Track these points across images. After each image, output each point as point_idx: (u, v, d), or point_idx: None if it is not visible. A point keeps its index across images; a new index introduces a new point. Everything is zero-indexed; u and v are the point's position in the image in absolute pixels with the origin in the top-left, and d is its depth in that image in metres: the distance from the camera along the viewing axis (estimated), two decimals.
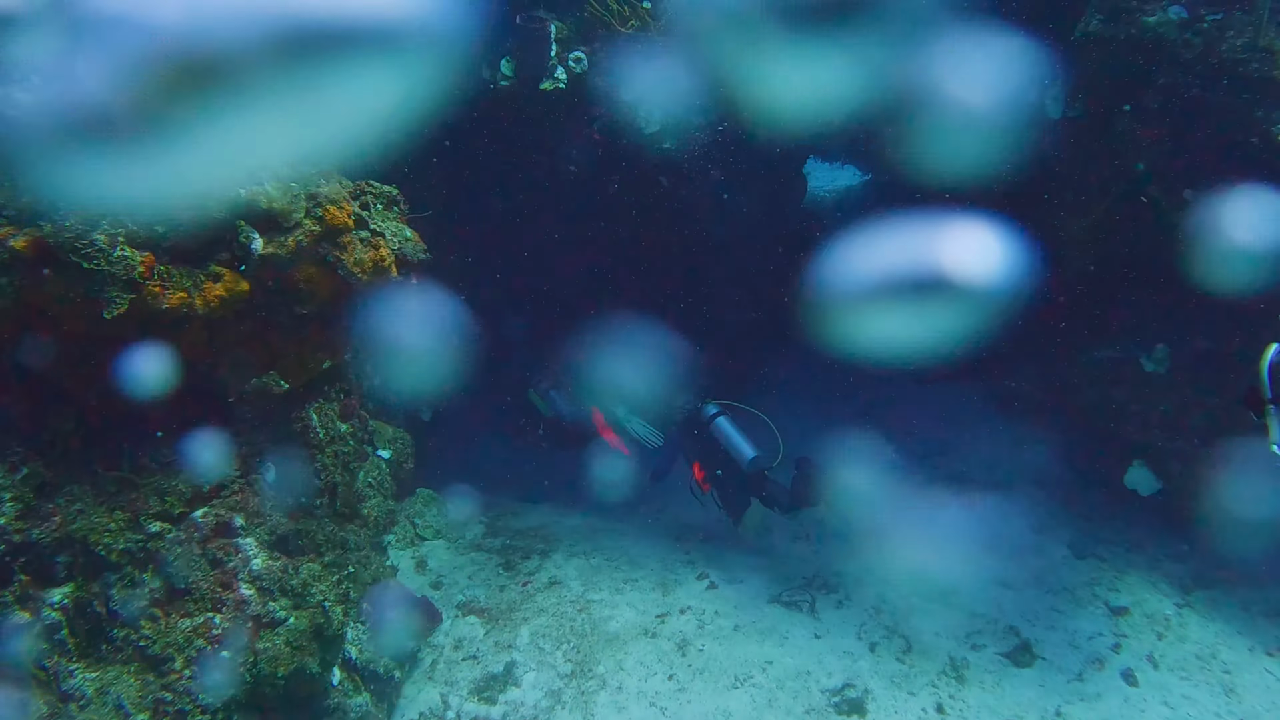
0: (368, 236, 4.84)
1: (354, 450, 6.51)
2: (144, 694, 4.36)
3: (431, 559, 7.91)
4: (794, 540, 8.31)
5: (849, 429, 10.63)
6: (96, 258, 3.82)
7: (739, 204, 9.46)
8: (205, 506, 4.74)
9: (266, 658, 4.73)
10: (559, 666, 6.59)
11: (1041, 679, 6.33)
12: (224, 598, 4.70)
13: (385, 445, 7.74)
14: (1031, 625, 6.85)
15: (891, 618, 6.98)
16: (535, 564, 7.96)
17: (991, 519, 8.36)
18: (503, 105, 8.30)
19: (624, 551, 8.23)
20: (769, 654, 6.62)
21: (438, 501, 8.46)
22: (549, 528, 8.76)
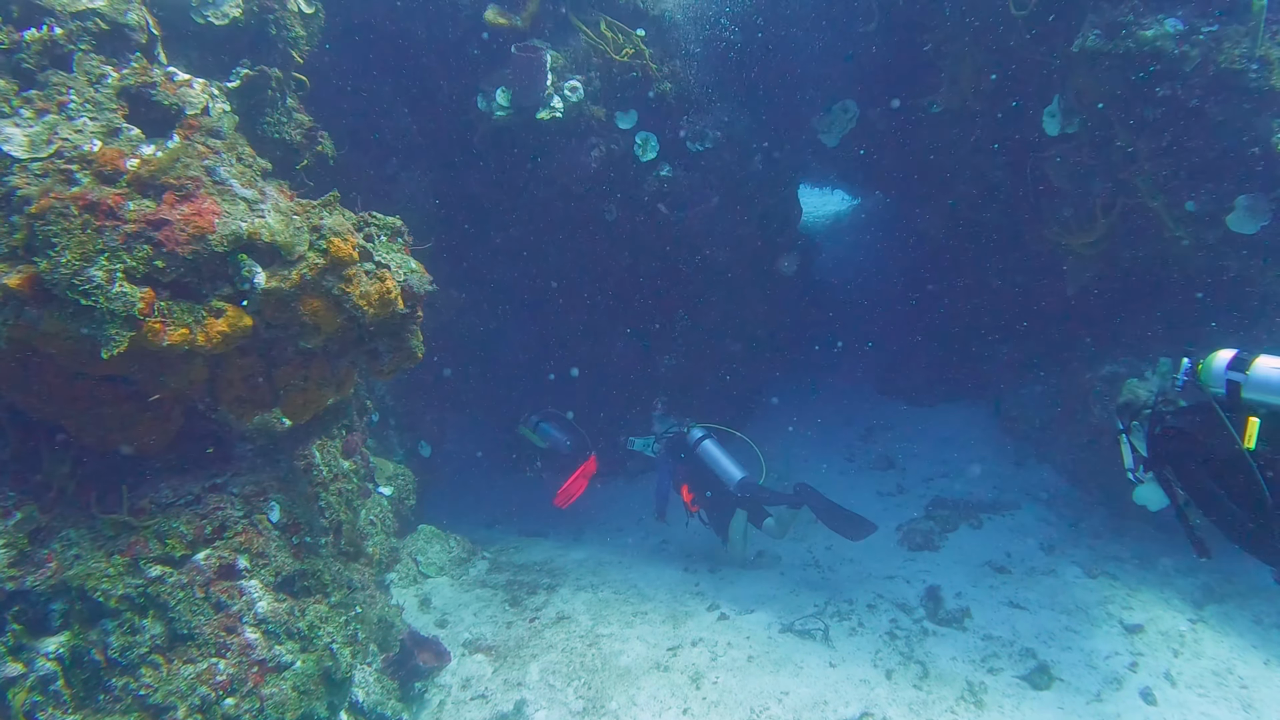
0: (373, 269, 4.76)
1: (357, 488, 6.40)
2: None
3: (435, 597, 7.76)
4: (805, 567, 8.18)
5: (851, 453, 10.57)
6: (95, 294, 3.72)
7: (738, 229, 9.43)
8: (208, 549, 4.61)
9: (273, 704, 4.58)
10: (570, 703, 6.43)
11: (1060, 701, 6.19)
12: (228, 642, 4.55)
13: (387, 482, 7.62)
14: (1047, 646, 6.72)
15: (906, 644, 6.85)
16: (542, 599, 7.81)
17: (1000, 540, 8.26)
18: (499, 136, 8.29)
19: (632, 584, 8.09)
20: (784, 684, 6.47)
21: (441, 537, 8.32)
22: (554, 561, 8.62)
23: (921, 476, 9.71)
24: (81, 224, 3.74)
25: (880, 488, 9.66)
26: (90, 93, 3.94)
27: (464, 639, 7.18)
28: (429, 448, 9.09)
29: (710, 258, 9.40)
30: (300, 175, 6.32)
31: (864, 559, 8.23)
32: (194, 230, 4.06)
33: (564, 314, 10.19)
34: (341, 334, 4.77)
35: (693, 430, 8.59)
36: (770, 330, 10.89)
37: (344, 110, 7.99)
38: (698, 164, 8.81)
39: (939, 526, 8.51)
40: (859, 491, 9.53)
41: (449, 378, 10.06)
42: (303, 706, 4.70)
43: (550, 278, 9.84)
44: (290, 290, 4.43)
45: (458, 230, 9.20)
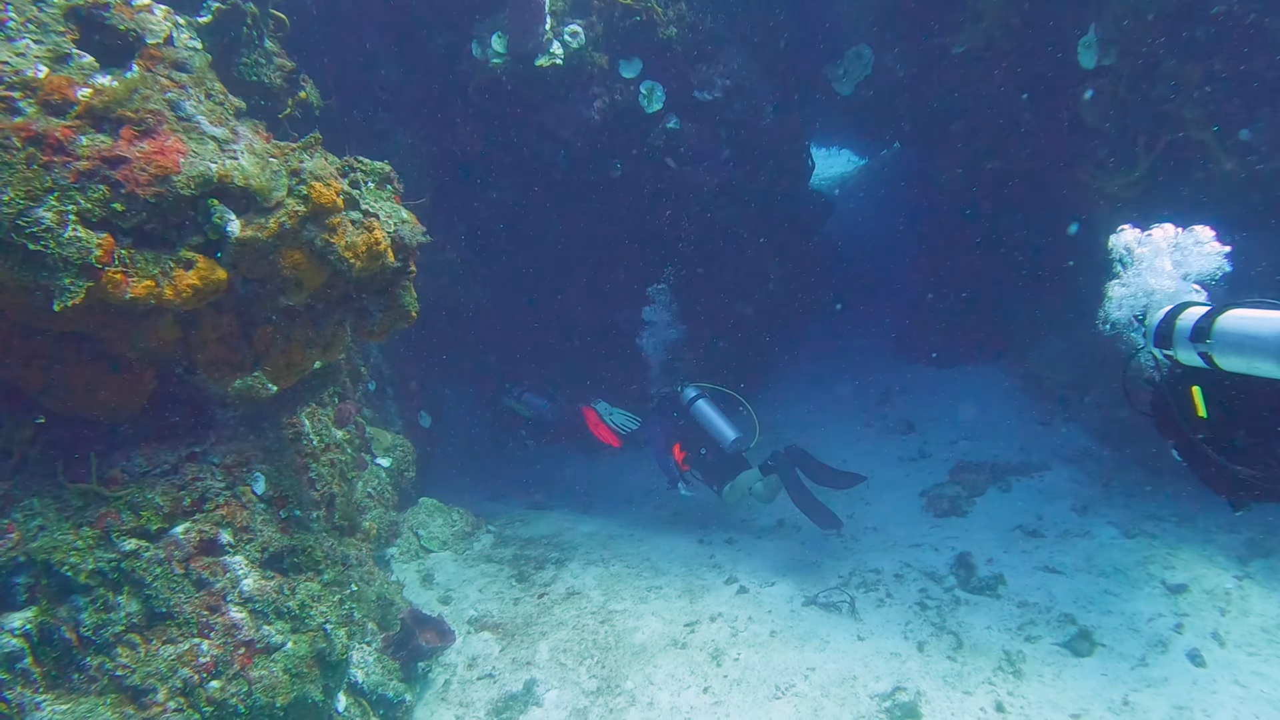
0: (360, 218, 4.34)
1: (351, 459, 6.03)
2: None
3: (438, 572, 7.41)
4: (825, 537, 7.80)
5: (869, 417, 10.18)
6: (44, 238, 3.32)
7: (749, 183, 8.97)
8: (186, 522, 4.23)
9: (263, 687, 4.23)
10: (584, 683, 6.09)
11: (1104, 667, 5.86)
12: (212, 622, 4.18)
13: (384, 453, 7.25)
14: (1087, 611, 6.37)
15: (938, 614, 6.49)
16: (550, 574, 7.46)
17: (1031, 502, 7.87)
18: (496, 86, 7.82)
19: (644, 557, 7.73)
20: (810, 660, 6.12)
21: (443, 511, 7.95)
22: (562, 535, 8.26)
23: (944, 440, 9.31)
24: (26, 158, 3.33)
25: (901, 453, 9.27)
26: (33, 10, 3.52)
27: (469, 616, 6.84)
28: (429, 418, 8.72)
29: (720, 215, 8.95)
30: (284, 126, 5.91)
31: (888, 526, 7.87)
32: (156, 170, 3.65)
33: (566, 278, 9.78)
34: (326, 290, 4.37)
35: (686, 389, 8.49)
36: (783, 292, 10.44)
37: (330, 61, 7.54)
38: (706, 115, 8.35)
39: (965, 491, 8.13)
40: (878, 457, 9.15)
41: (448, 345, 9.67)
42: (295, 690, 4.35)
43: (551, 240, 9.42)
44: (268, 240, 4.01)
45: (453, 190, 8.76)
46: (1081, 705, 5.54)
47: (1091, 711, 5.48)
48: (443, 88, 8.36)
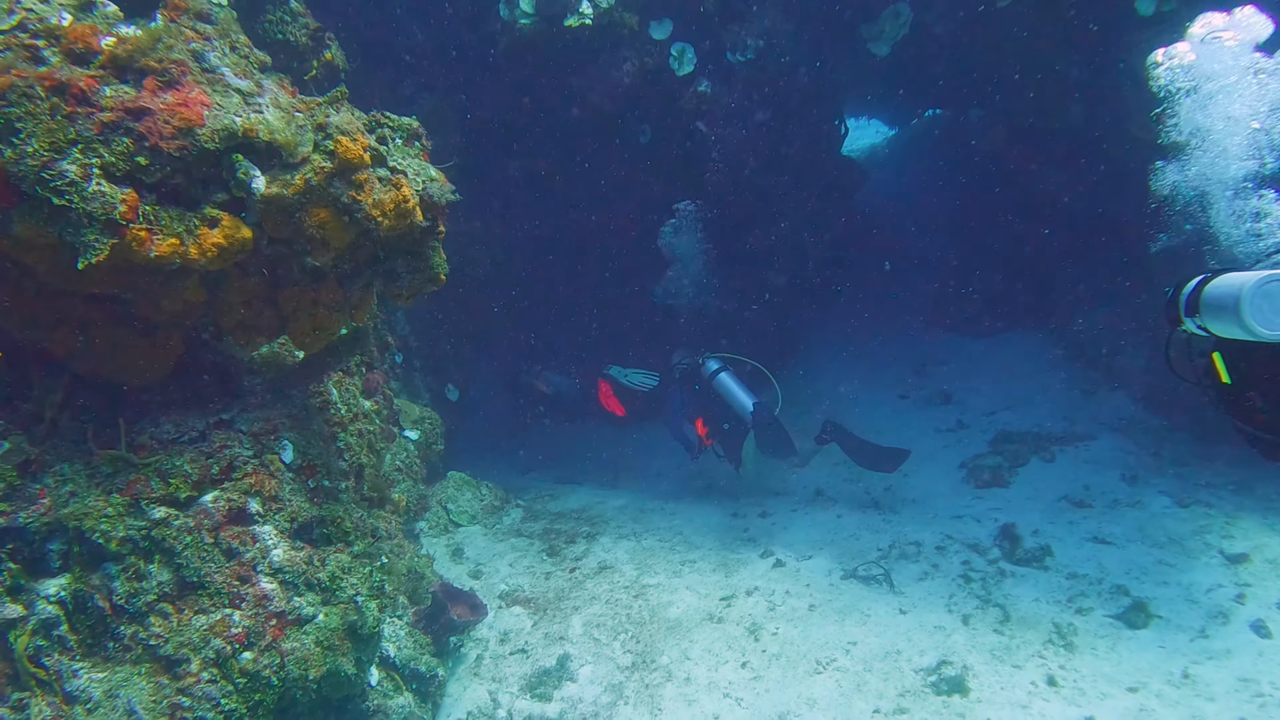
0: (387, 175, 4.18)
1: (380, 430, 5.92)
2: (158, 698, 3.78)
3: (468, 546, 7.30)
4: (863, 509, 7.63)
5: (904, 389, 9.95)
6: (69, 192, 3.19)
7: (782, 148, 8.72)
8: (215, 490, 4.12)
9: (295, 659, 4.12)
10: (618, 658, 5.97)
11: (1161, 639, 5.65)
12: (242, 592, 4.08)
13: (412, 426, 7.12)
14: (1140, 582, 6.16)
15: (983, 586, 6.31)
16: (582, 548, 7.34)
17: (1076, 472, 7.64)
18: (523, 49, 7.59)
19: (677, 531, 7.59)
20: (851, 634, 5.97)
21: (472, 485, 7.84)
22: (592, 509, 8.13)
23: (982, 411, 9.07)
24: (50, 108, 3.20)
25: (938, 424, 9.04)
26: None
27: (500, 590, 6.74)
28: (456, 392, 8.59)
29: (752, 181, 8.70)
30: (310, 89, 5.75)
31: (928, 498, 7.68)
32: (180, 123, 3.51)
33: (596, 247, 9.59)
34: (354, 251, 4.22)
35: (708, 362, 8.32)
36: (817, 261, 10.20)
37: (355, 23, 7.36)
38: (738, 77, 8.11)
39: (1007, 461, 7.91)
40: (915, 428, 8.93)
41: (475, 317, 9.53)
42: (328, 663, 4.24)
43: (580, 208, 9.23)
44: (294, 198, 3.87)
45: (480, 158, 8.58)
46: (1138, 678, 5.34)
47: (1150, 684, 5.28)
48: (469, 51, 8.15)
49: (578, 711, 5.57)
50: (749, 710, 5.43)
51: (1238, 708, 5.03)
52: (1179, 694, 5.19)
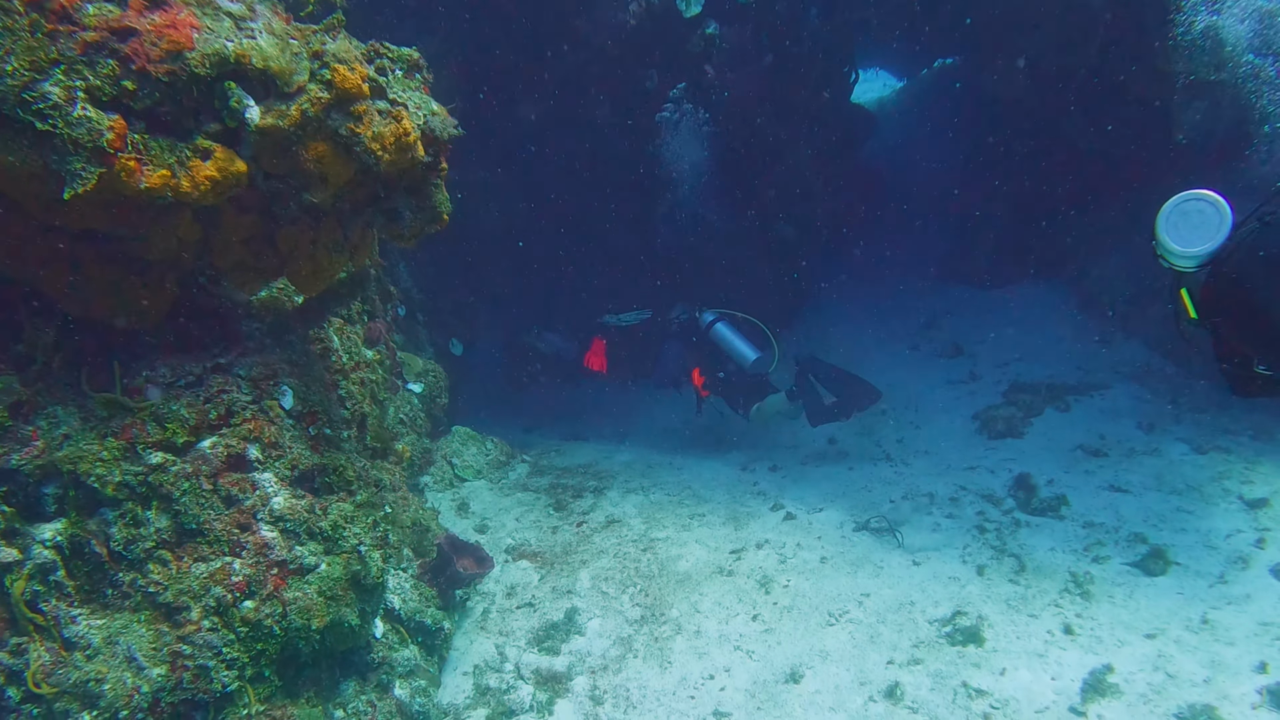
0: (387, 107, 4.00)
1: (382, 380, 5.78)
2: (158, 645, 3.68)
3: (474, 501, 7.20)
4: (875, 462, 7.52)
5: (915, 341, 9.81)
6: (52, 116, 3.02)
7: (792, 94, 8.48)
8: (213, 436, 3.99)
9: (297, 609, 4.03)
10: (627, 611, 5.89)
11: (1179, 586, 5.57)
12: (243, 540, 3.97)
13: (416, 379, 6.99)
14: (1158, 530, 6.07)
15: (997, 536, 6.21)
16: (589, 502, 7.24)
17: (1092, 422, 7.52)
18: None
19: (685, 485, 7.48)
20: (864, 586, 5.88)
21: (477, 440, 7.72)
22: (599, 464, 8.03)
23: (995, 362, 8.95)
24: (30, 25, 3.02)
25: (950, 376, 8.93)
26: None
27: (506, 545, 6.64)
28: (460, 346, 8.45)
29: (762, 129, 8.49)
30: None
31: (940, 450, 7.57)
32: (168, 45, 3.33)
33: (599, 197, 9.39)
34: (353, 188, 4.06)
35: (704, 314, 8.33)
36: (826, 212, 10.00)
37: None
38: (747, 17, 7.87)
39: (1021, 412, 7.80)
40: (927, 381, 8.84)
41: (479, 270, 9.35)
42: (330, 613, 4.15)
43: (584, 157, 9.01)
44: (290, 130, 3.70)
45: (482, 105, 8.35)
46: (1156, 625, 5.26)
47: (1168, 631, 5.20)
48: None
49: (586, 665, 5.49)
50: (760, 662, 5.36)
51: (1258, 652, 4.96)
52: (1198, 639, 5.11)
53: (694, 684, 5.26)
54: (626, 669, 5.42)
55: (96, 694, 3.53)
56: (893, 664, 5.22)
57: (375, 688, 4.88)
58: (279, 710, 4.12)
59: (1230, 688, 4.76)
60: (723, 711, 5.05)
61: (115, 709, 3.53)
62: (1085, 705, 4.79)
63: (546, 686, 5.36)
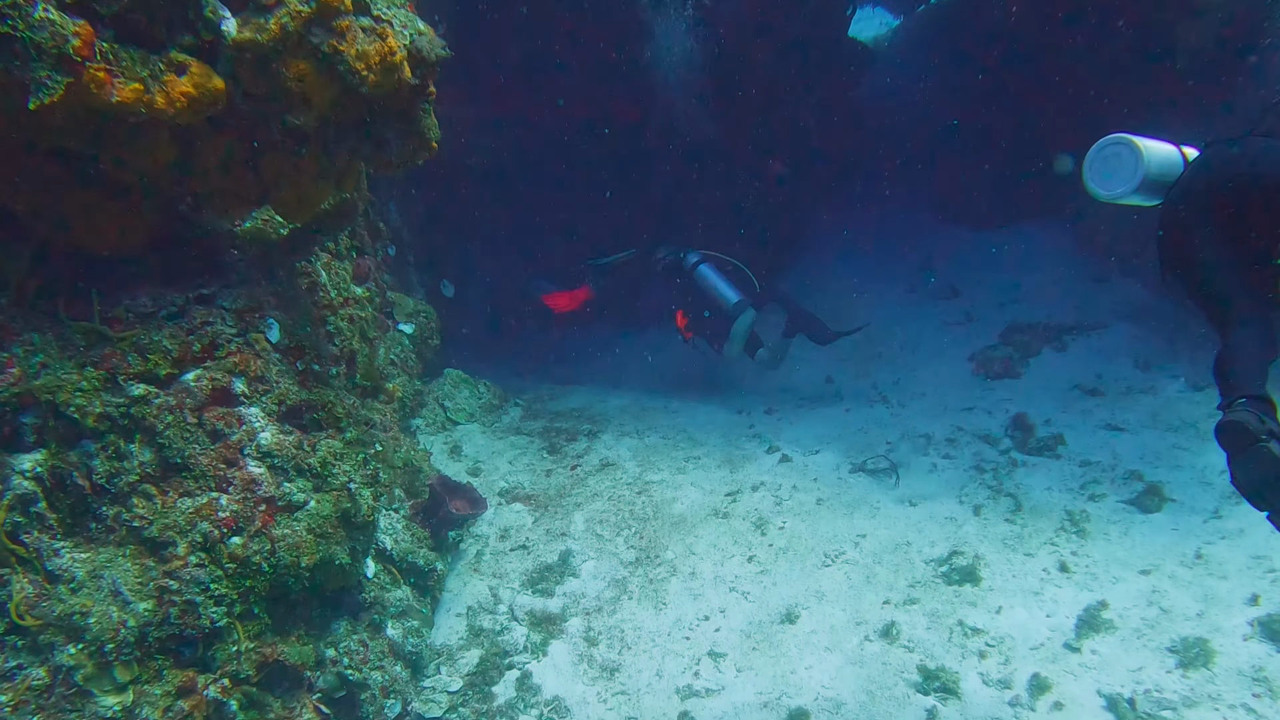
0: (370, 24, 3.83)
1: (372, 318, 5.66)
2: (144, 580, 3.60)
3: (466, 444, 7.12)
4: (871, 403, 7.46)
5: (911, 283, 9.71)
6: (12, 16, 2.85)
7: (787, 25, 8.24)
8: (197, 369, 3.88)
9: (286, 546, 3.95)
10: (621, 554, 5.84)
11: (1174, 522, 5.57)
12: (229, 476, 3.88)
13: (407, 319, 6.86)
14: (1154, 467, 6.05)
15: (994, 477, 6.17)
16: (583, 446, 7.16)
17: (1089, 361, 7.46)
18: None
19: (680, 428, 7.41)
20: (860, 527, 5.83)
21: (469, 383, 7.62)
22: (592, 408, 7.94)
23: (991, 303, 8.89)
24: None
25: (946, 317, 8.87)
26: None
27: (500, 488, 6.58)
28: (452, 287, 8.30)
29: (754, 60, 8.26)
30: None
31: (937, 391, 7.53)
32: None
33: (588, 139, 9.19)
34: (337, 111, 3.90)
35: (689, 255, 8.29)
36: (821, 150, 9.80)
37: None
38: None
39: (1018, 352, 7.75)
40: (922, 322, 8.77)
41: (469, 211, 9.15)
42: (320, 551, 4.07)
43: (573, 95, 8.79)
44: (269, 45, 3.52)
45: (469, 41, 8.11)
46: (1151, 561, 5.26)
47: (1163, 566, 5.20)
48: None
49: (581, 606, 5.46)
50: (756, 604, 5.33)
51: (1250, 584, 4.97)
52: (1191, 574, 5.12)
53: (689, 625, 5.23)
54: (621, 611, 5.39)
55: (82, 627, 3.45)
56: (889, 604, 5.19)
57: (367, 627, 4.84)
58: (269, 648, 4.05)
59: (1223, 620, 4.78)
60: (718, 652, 5.02)
61: (101, 642, 3.45)
62: (1080, 641, 4.79)
63: (540, 628, 5.33)
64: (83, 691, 3.46)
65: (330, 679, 4.44)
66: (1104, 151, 3.39)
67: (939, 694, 4.60)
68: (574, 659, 5.12)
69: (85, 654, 3.46)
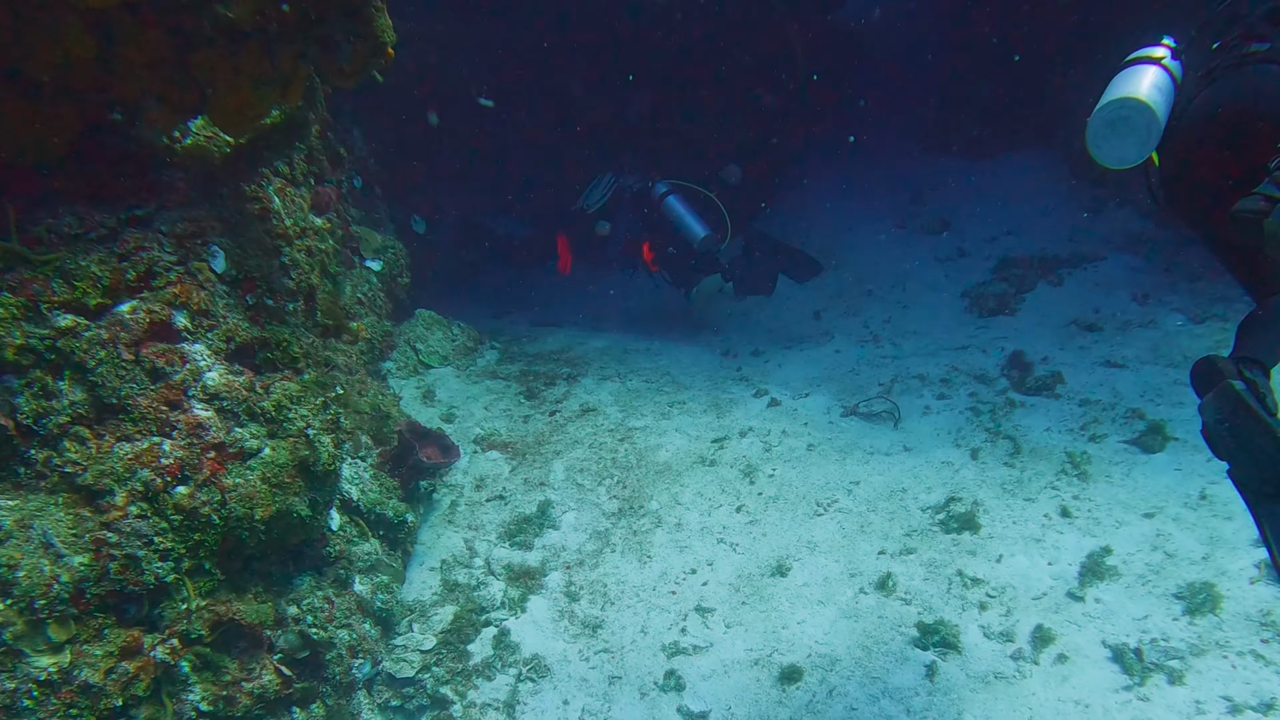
0: None
1: (333, 251, 5.25)
2: (79, 531, 3.26)
3: (439, 388, 6.76)
4: (861, 343, 7.16)
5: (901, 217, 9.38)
6: None
7: None
8: (132, 300, 3.48)
9: (239, 497, 3.61)
10: (604, 504, 5.55)
11: (1177, 462, 5.33)
12: (173, 419, 3.52)
13: (374, 255, 6.45)
14: (1156, 405, 5.81)
15: (991, 418, 5.90)
16: (562, 390, 6.83)
17: (1086, 295, 7.20)
18: None
19: (664, 371, 7.09)
20: (853, 473, 5.56)
21: (442, 324, 7.23)
22: (572, 350, 7.59)
23: (984, 237, 8.61)
24: None
25: (938, 252, 8.58)
26: None
27: (475, 434, 6.24)
28: (423, 223, 7.86)
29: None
30: None
31: (930, 329, 7.25)
32: None
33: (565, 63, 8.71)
34: (277, 7, 3.45)
35: (657, 185, 7.99)
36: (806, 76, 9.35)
37: None
38: None
39: (1013, 287, 7.48)
40: (914, 258, 8.48)
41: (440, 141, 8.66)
42: (277, 502, 3.74)
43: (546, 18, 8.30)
44: None
45: None
46: (1155, 503, 5.03)
47: (1166, 508, 4.98)
48: None
49: (561, 560, 5.18)
50: (745, 555, 5.06)
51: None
52: (1196, 516, 4.91)
53: (675, 578, 4.97)
54: (604, 564, 5.12)
55: (10, 581, 3.11)
56: (884, 554, 4.95)
57: (333, 583, 4.53)
58: (223, 605, 3.74)
59: (1228, 563, 4.58)
60: (706, 607, 4.76)
61: (31, 597, 3.12)
62: (1083, 589, 4.58)
63: (519, 582, 5.05)
64: (13, 651, 3.13)
65: (292, 638, 4.13)
66: (1110, 116, 2.99)
67: (938, 649, 4.37)
68: (554, 615, 4.86)
69: (14, 610, 3.12)
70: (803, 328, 7.78)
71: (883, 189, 9.93)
